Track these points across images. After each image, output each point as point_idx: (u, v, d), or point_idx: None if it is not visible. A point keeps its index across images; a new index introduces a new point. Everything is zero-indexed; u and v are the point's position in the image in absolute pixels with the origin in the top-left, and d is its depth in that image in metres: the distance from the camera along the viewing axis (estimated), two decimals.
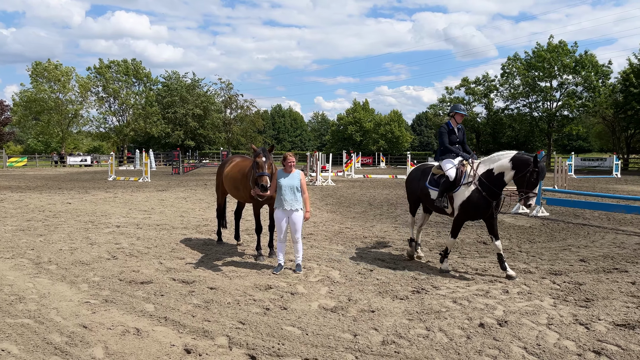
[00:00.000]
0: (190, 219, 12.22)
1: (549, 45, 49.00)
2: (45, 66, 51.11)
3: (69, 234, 9.86)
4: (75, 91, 53.61)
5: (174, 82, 63.63)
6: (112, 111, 58.84)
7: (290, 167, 6.93)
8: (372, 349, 4.36)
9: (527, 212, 13.58)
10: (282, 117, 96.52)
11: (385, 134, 66.61)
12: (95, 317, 5.10)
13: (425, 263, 7.62)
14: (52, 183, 24.88)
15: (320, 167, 25.92)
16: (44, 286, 6.22)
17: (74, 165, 49.18)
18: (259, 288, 6.17)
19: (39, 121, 52.14)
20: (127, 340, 4.51)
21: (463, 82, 58.01)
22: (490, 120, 56.78)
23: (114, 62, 58.70)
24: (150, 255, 8.03)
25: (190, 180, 27.78)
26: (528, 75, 50.08)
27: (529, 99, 52.27)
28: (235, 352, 4.30)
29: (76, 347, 4.35)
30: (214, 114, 63.26)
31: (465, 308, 5.43)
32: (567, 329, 4.82)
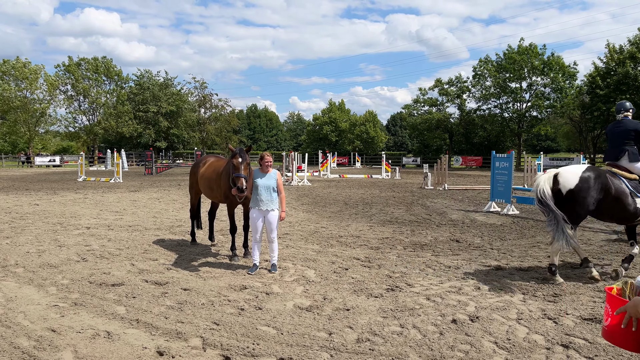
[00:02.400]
0: (164, 219, 12.04)
1: (520, 47, 50.20)
2: (13, 64, 49.48)
3: (37, 236, 9.58)
4: (44, 90, 52.07)
5: (146, 80, 62.50)
6: (81, 110, 57.32)
7: (267, 167, 6.90)
8: (347, 347, 4.38)
9: (499, 211, 13.89)
10: (258, 117, 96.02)
11: (361, 134, 66.98)
12: (64, 321, 4.97)
13: (398, 261, 7.70)
14: (19, 184, 24.11)
15: (296, 167, 25.89)
16: (11, 290, 6.02)
17: (42, 166, 47.78)
18: (234, 288, 6.12)
19: (5, 120, 50.44)
20: (98, 344, 4.41)
21: (437, 83, 58.85)
22: (462, 121, 57.77)
23: (84, 60, 57.23)
24: (121, 257, 7.87)
25: (163, 180, 27.34)
26: (499, 76, 51.19)
27: (500, 100, 53.41)
28: (210, 353, 4.25)
29: (44, 352, 4.23)
30: (187, 113, 62.39)
31: (439, 305, 5.52)
32: (536, 323, 4.95)
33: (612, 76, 41.23)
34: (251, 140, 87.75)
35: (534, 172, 21.34)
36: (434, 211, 14.05)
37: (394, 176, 31.86)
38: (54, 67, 62.75)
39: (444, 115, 58.39)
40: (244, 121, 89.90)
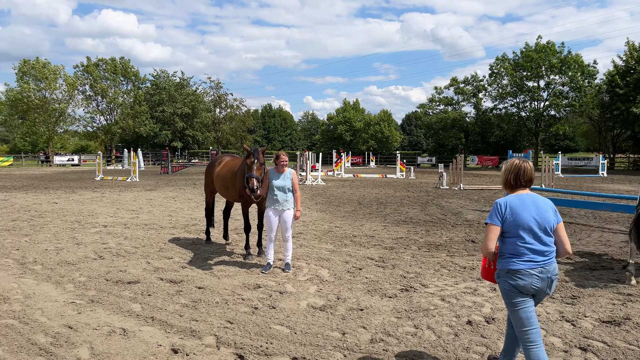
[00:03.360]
0: (179, 218, 12.14)
1: (537, 45, 49.49)
2: (33, 64, 50.41)
3: (55, 234, 9.73)
4: (63, 90, 52.94)
5: (163, 80, 63.17)
6: (99, 110, 58.19)
7: (282, 166, 6.90)
8: (360, 347, 4.36)
9: None
10: (272, 117, 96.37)
11: (375, 133, 66.75)
12: (80, 318, 5.04)
13: (413, 261, 7.65)
14: (38, 183, 24.56)
15: (310, 166, 25.90)
16: (29, 286, 6.13)
17: (61, 165, 48.58)
18: (248, 287, 6.14)
19: (25, 120, 51.39)
20: (113, 341, 4.46)
21: (452, 82, 58.34)
22: (478, 120, 57.17)
23: (102, 61, 58.07)
24: (137, 255, 7.96)
25: (179, 179, 27.59)
26: (516, 75, 50.53)
27: (517, 99, 52.74)
28: (223, 352, 4.27)
29: (61, 348, 4.29)
30: (202, 113, 62.90)
31: (454, 306, 5.46)
32: (553, 325, 4.87)
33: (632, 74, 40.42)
34: (265, 139, 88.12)
35: (551, 171, 21.04)
36: (449, 211, 13.92)
37: (409, 176, 31.67)
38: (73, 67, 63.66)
39: (460, 114, 57.86)
40: (258, 121, 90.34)
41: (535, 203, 3.47)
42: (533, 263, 3.36)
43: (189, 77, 65.24)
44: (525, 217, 3.41)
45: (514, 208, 3.45)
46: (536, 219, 3.41)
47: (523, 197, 3.50)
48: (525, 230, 3.40)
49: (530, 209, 3.44)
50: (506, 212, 3.46)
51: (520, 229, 3.41)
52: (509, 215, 3.45)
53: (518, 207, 3.45)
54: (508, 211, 3.46)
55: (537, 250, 3.38)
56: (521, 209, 3.44)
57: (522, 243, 3.39)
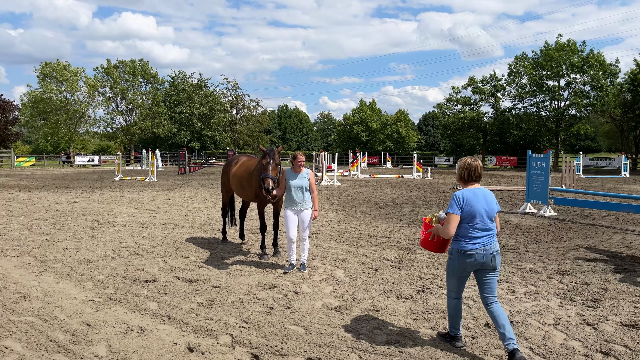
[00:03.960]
0: (196, 218, 12.24)
1: (557, 44, 48.64)
2: (54, 66, 51.44)
3: (75, 233, 9.90)
4: (83, 91, 53.92)
5: (181, 82, 63.86)
6: (119, 111, 59.13)
7: (299, 166, 6.89)
8: (376, 348, 4.32)
9: (535, 212, 13.48)
10: (289, 117, 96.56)
11: (392, 133, 66.43)
12: (99, 315, 5.10)
13: (429, 262, 7.56)
14: (59, 182, 25.03)
15: (326, 166, 25.89)
16: (49, 284, 6.23)
17: (82, 165, 49.46)
18: (263, 287, 6.14)
19: (47, 121, 52.46)
20: (131, 339, 4.50)
21: (470, 82, 57.69)
22: (497, 120, 56.41)
23: (122, 62, 58.99)
24: (155, 254, 8.04)
25: (196, 180, 27.84)
26: (535, 74, 49.74)
27: (537, 98, 51.90)
28: (239, 351, 4.27)
29: (79, 345, 4.35)
30: (220, 114, 63.40)
31: (471, 308, 5.38)
32: (574, 329, 4.76)
33: None
34: (282, 140, 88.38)
35: (572, 172, 20.65)
36: None
37: (426, 176, 31.43)
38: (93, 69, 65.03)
39: (478, 114, 57.17)
40: (274, 121, 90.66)
41: (484, 196, 4.19)
42: (480, 244, 4.12)
43: (207, 79, 65.87)
44: (477, 207, 4.12)
45: (469, 200, 4.12)
46: (485, 209, 4.15)
47: (475, 191, 4.18)
48: (476, 217, 4.12)
49: (481, 200, 4.15)
50: (463, 204, 4.12)
51: (473, 217, 4.12)
52: (465, 206, 4.12)
53: (472, 199, 4.13)
54: (465, 202, 4.12)
55: (484, 233, 4.14)
56: (475, 201, 4.13)
57: (473, 228, 4.13)
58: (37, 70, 51.45)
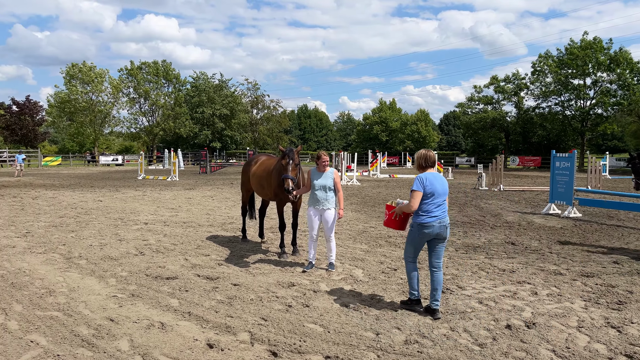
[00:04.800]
0: (216, 216, 12.37)
1: (583, 42, 47.57)
2: (80, 68, 52.61)
3: (99, 231, 10.11)
4: (108, 92, 55.02)
5: (202, 82, 64.62)
6: (142, 112, 60.18)
7: (324, 166, 6.89)
8: (394, 348, 4.30)
9: (559, 213, 13.21)
10: (308, 118, 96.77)
11: (412, 133, 65.98)
12: (121, 311, 5.20)
13: (450, 263, 7.49)
14: (84, 181, 25.60)
15: (345, 166, 25.86)
16: (74, 280, 6.38)
17: (106, 165, 50.48)
18: (282, 285, 6.17)
19: (72, 122, 53.69)
20: (152, 334, 4.58)
21: (492, 81, 56.89)
22: (520, 119, 55.48)
23: (145, 64, 60.00)
24: (176, 251, 8.15)
25: (217, 179, 28.13)
26: (560, 72, 48.73)
27: (561, 97, 50.87)
28: (257, 348, 4.31)
29: (103, 340, 4.44)
30: (240, 114, 63.94)
31: (492, 309, 5.31)
32: (598, 332, 4.65)
33: None
34: (301, 140, 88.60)
35: (598, 172, 20.17)
36: (488, 212, 13.57)
37: (447, 176, 31.12)
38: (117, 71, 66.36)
39: (500, 113, 56.34)
40: (294, 121, 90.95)
41: (440, 178, 5.13)
42: (436, 217, 5.00)
43: (228, 79, 66.50)
44: (436, 187, 5.02)
45: (431, 180, 5.03)
46: (442, 189, 5.07)
47: (434, 174, 5.11)
48: (434, 196, 5.00)
49: (438, 182, 5.05)
50: (426, 183, 5.01)
51: (432, 194, 5.00)
52: (427, 185, 5.00)
53: (432, 180, 5.04)
54: (427, 182, 5.01)
55: (439, 209, 5.04)
56: (434, 182, 5.03)
57: (430, 203, 5.01)
58: (64, 71, 52.71)
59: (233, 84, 70.93)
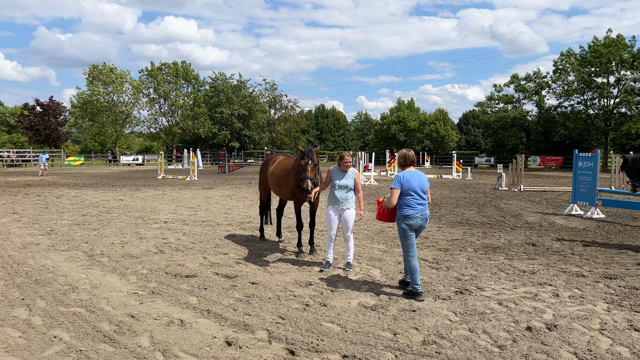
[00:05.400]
0: (235, 216, 12.46)
1: (606, 39, 46.53)
2: (101, 69, 53.59)
3: (121, 229, 10.28)
4: (129, 93, 55.91)
5: (221, 83, 65.18)
6: (162, 112, 61.00)
7: (346, 166, 6.91)
8: (412, 348, 4.27)
9: (581, 214, 12.96)
10: (325, 117, 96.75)
11: (430, 133, 65.43)
12: (142, 308, 5.28)
13: (468, 263, 7.41)
14: (106, 181, 26.07)
15: (362, 166, 25.80)
16: (96, 277, 6.51)
17: (127, 164, 51.30)
18: (299, 284, 6.19)
19: (94, 122, 54.72)
20: (172, 331, 4.64)
21: (513, 79, 56.04)
22: (541, 119, 54.51)
23: (165, 65, 60.80)
24: (195, 250, 8.25)
25: (235, 179, 28.35)
26: (583, 71, 47.75)
27: (584, 96, 49.83)
28: (275, 346, 4.33)
29: (124, 336, 4.52)
30: (258, 115, 64.30)
31: (512, 311, 5.24)
32: (621, 334, 4.55)
33: None
34: (318, 140, 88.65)
35: (622, 173, 19.72)
36: (508, 213, 13.39)
37: (466, 176, 30.79)
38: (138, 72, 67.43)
39: (521, 112, 55.44)
40: (312, 121, 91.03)
41: (418, 176, 5.68)
42: (417, 210, 5.59)
43: (246, 80, 66.91)
44: (413, 184, 5.59)
45: (407, 178, 5.61)
46: (419, 185, 5.62)
47: (412, 172, 5.68)
48: (413, 191, 5.59)
49: (415, 179, 5.62)
50: (403, 181, 5.59)
51: (411, 191, 5.58)
52: (404, 183, 5.58)
53: (409, 178, 5.61)
54: (404, 180, 5.59)
55: (419, 203, 5.62)
56: (411, 179, 5.60)
57: (411, 199, 5.60)
58: (86, 73, 53.78)
59: (251, 85, 71.31)
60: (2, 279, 6.33)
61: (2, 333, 4.55)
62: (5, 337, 4.47)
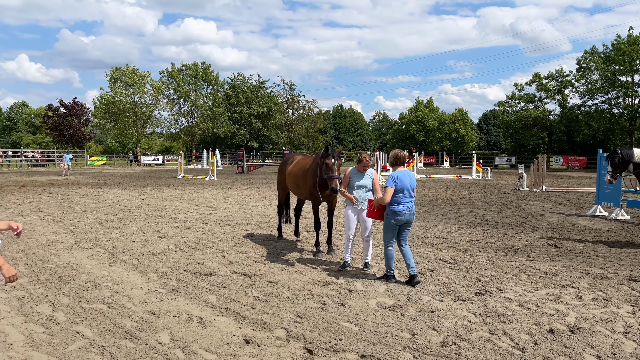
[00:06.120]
0: (253, 215, 12.54)
1: (630, 37, 45.40)
2: (123, 71, 54.49)
3: (141, 227, 10.44)
4: (150, 94, 56.73)
5: (240, 83, 65.67)
6: (182, 112, 61.74)
7: (364, 167, 6.90)
8: (431, 349, 4.24)
9: (605, 215, 12.67)
10: (343, 117, 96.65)
11: (450, 133, 64.78)
12: (162, 305, 5.35)
13: (489, 264, 7.31)
14: (127, 180, 26.50)
15: (381, 166, 25.68)
16: (118, 274, 6.62)
17: (147, 164, 52.06)
18: (317, 283, 6.20)
19: (116, 123, 55.68)
20: (191, 328, 4.69)
21: (535, 78, 55.09)
22: (564, 118, 53.49)
23: (185, 66, 61.53)
24: (214, 249, 8.32)
25: (253, 178, 28.52)
26: (607, 69, 46.67)
27: (608, 95, 48.71)
28: (293, 345, 4.34)
29: (145, 332, 4.59)
30: (276, 115, 64.59)
31: (533, 313, 5.15)
32: None
33: None
34: (336, 140, 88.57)
35: None
36: (529, 214, 13.17)
37: (486, 177, 30.40)
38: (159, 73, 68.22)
39: (543, 112, 54.48)
40: (329, 121, 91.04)
41: (409, 175, 6.15)
42: (405, 207, 6.07)
43: (265, 80, 67.26)
44: (405, 183, 6.06)
45: (400, 177, 6.06)
46: (410, 183, 6.10)
47: (403, 172, 6.13)
48: (404, 189, 6.04)
49: (407, 178, 6.09)
50: (396, 180, 6.02)
51: (402, 189, 6.03)
52: (397, 181, 6.02)
53: (401, 177, 6.05)
54: (397, 179, 6.03)
55: (408, 200, 6.10)
56: (403, 178, 6.06)
57: (402, 196, 6.06)
58: (108, 74, 54.70)
59: (270, 85, 71.65)
60: (27, 276, 6.49)
61: (27, 328, 4.66)
62: (30, 332, 4.58)
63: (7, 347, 4.24)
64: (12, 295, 5.62)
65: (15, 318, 4.93)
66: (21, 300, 5.49)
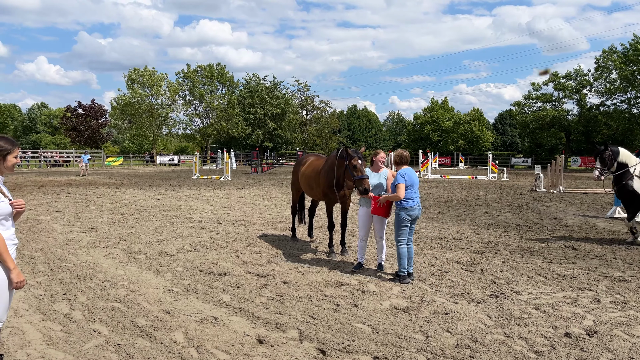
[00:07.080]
0: (267, 215, 12.59)
1: None
2: (142, 72, 55.15)
3: (157, 227, 10.55)
4: (166, 95, 57.32)
5: (254, 84, 65.98)
6: (197, 113, 62.25)
7: (378, 166, 6.86)
8: (445, 351, 4.20)
9: (624, 217, 12.42)
10: (357, 118, 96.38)
11: (465, 133, 64.20)
12: (177, 304, 5.40)
13: (504, 266, 7.23)
14: (143, 180, 26.81)
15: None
16: (134, 274, 6.70)
17: (163, 165, 52.61)
18: (331, 284, 6.20)
19: (133, 124, 56.38)
20: (205, 328, 4.73)
21: (552, 77, 54.28)
22: (582, 118, 52.62)
23: (201, 67, 62.03)
24: (228, 249, 8.37)
25: (267, 179, 28.63)
26: (626, 68, 45.79)
27: (628, 95, 47.79)
28: (306, 346, 4.34)
29: (159, 331, 4.64)
30: (290, 115, 64.74)
31: (550, 316, 5.07)
32: None
33: None
34: (350, 140, 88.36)
35: None
36: (546, 215, 12.99)
37: (502, 177, 30.05)
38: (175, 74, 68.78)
39: (560, 112, 53.67)
40: (343, 122, 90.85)
41: (413, 172, 6.40)
42: (415, 202, 6.33)
43: (280, 81, 67.51)
44: (413, 179, 6.36)
45: (408, 174, 6.32)
46: (415, 180, 6.39)
47: (409, 170, 6.38)
48: (412, 185, 6.33)
49: (414, 175, 6.38)
50: (405, 176, 6.29)
51: (412, 185, 6.31)
52: (407, 178, 6.28)
53: (409, 174, 6.33)
54: (407, 176, 6.29)
55: (416, 195, 6.38)
56: (411, 175, 6.35)
57: (411, 191, 6.33)
58: (126, 76, 55.42)
59: (284, 86, 71.91)
60: (45, 275, 6.61)
61: (44, 326, 4.75)
62: (47, 330, 4.66)
63: (25, 345, 4.32)
64: (30, 294, 5.73)
65: (33, 316, 5.02)
66: (39, 298, 5.59)
